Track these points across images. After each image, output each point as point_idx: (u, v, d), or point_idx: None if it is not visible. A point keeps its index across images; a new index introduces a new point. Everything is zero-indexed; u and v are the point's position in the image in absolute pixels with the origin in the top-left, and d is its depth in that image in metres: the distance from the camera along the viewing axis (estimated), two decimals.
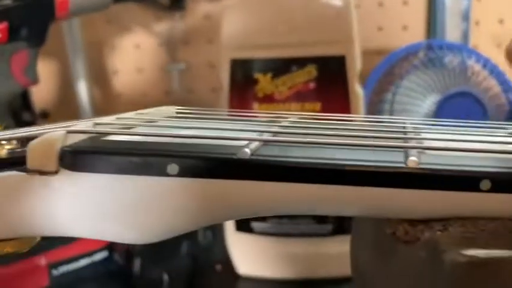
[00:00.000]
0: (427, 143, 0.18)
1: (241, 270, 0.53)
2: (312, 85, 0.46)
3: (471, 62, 0.64)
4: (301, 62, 0.45)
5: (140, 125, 0.19)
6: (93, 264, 0.49)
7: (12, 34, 0.47)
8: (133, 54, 0.80)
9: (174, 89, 0.78)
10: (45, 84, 0.79)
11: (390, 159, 0.16)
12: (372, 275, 0.23)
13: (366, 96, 0.64)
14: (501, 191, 0.16)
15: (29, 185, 0.16)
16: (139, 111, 0.22)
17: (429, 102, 0.61)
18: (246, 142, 0.17)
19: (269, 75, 0.46)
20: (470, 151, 0.17)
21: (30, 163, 0.16)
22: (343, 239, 0.50)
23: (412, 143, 0.18)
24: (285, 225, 0.50)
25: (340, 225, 0.50)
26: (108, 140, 0.17)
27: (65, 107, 0.81)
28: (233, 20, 0.47)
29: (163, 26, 0.78)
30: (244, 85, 0.47)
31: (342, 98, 0.45)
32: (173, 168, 0.16)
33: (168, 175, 0.16)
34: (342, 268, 0.52)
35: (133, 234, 0.16)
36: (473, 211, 0.16)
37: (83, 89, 0.74)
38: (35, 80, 0.51)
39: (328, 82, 0.45)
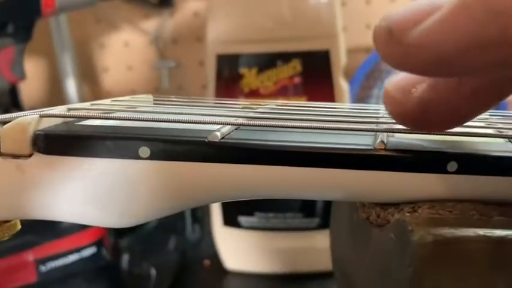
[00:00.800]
0: (396, 127, 0.18)
1: (229, 265, 0.53)
2: (297, 80, 0.46)
3: None
4: (286, 57, 0.46)
5: (115, 111, 0.19)
6: (82, 260, 0.49)
7: None
8: (123, 52, 0.80)
9: (164, 86, 0.78)
10: (34, 82, 0.79)
11: (360, 142, 0.17)
12: (349, 263, 0.23)
13: (353, 92, 0.64)
14: (468, 173, 0.16)
15: (2, 168, 0.16)
16: (115, 99, 0.22)
17: None
18: (218, 126, 0.17)
19: (254, 70, 0.46)
20: (432, 133, 0.17)
21: (4, 146, 0.16)
22: None
23: (383, 127, 0.18)
24: (272, 220, 0.50)
25: (327, 218, 0.50)
26: (81, 125, 0.17)
27: (54, 105, 0.81)
28: (219, 16, 0.48)
29: (152, 24, 0.78)
30: (230, 80, 0.47)
31: (327, 93, 0.45)
32: (145, 151, 0.16)
33: (140, 158, 0.16)
34: (329, 262, 0.52)
35: (108, 217, 0.16)
36: (442, 193, 0.17)
37: (71, 87, 0.74)
38: (21, 76, 0.51)
39: (313, 77, 0.46)
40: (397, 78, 0.16)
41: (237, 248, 0.53)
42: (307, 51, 0.45)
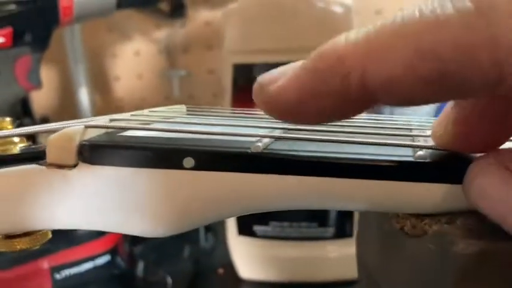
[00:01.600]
0: (431, 140, 0.19)
1: (243, 273, 0.53)
2: None
3: None
4: None
5: (155, 121, 0.19)
6: (96, 268, 0.49)
7: (17, 39, 0.47)
8: (134, 61, 0.81)
9: (175, 95, 0.78)
10: (46, 91, 0.80)
11: (399, 154, 0.17)
12: (379, 273, 0.23)
13: None
14: None
15: (48, 178, 0.16)
16: (152, 109, 0.22)
17: (428, 108, 0.62)
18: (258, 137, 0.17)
19: None
20: None
21: (50, 157, 0.16)
22: (344, 242, 0.50)
23: (419, 140, 0.18)
24: (286, 229, 0.50)
25: (341, 228, 0.50)
26: (125, 135, 0.18)
27: (65, 113, 0.82)
28: (235, 25, 0.48)
29: (163, 33, 0.79)
30: (247, 89, 0.47)
31: None
32: (189, 161, 0.16)
33: (183, 168, 0.16)
34: (343, 271, 0.52)
35: (151, 227, 0.17)
36: None
37: (83, 95, 0.75)
38: (38, 85, 0.51)
39: None
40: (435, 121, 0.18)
41: (251, 257, 0.52)
42: None
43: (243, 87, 0.48)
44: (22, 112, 0.66)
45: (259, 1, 0.47)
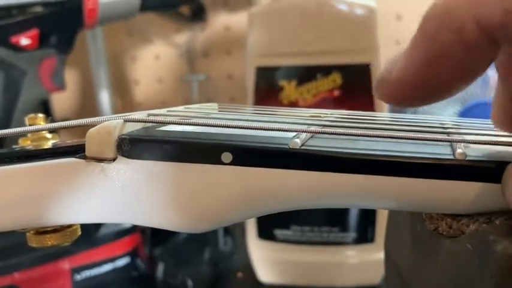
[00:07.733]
0: (470, 138, 0.18)
1: (263, 277, 0.53)
2: (336, 93, 0.46)
3: (492, 73, 0.64)
4: (326, 70, 0.46)
5: (191, 117, 0.19)
6: (116, 270, 0.49)
7: (43, 41, 0.48)
8: (154, 64, 0.81)
9: (194, 99, 0.79)
10: (66, 94, 0.80)
11: (438, 152, 0.17)
12: (411, 275, 0.22)
13: (389, 106, 0.64)
14: None
15: (86, 171, 0.16)
16: (187, 106, 0.22)
17: (450, 112, 0.61)
18: (294, 133, 0.17)
19: (294, 82, 0.47)
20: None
21: (89, 150, 0.16)
22: (365, 247, 0.50)
23: (456, 138, 0.18)
24: (307, 233, 0.50)
25: (363, 233, 0.50)
26: (163, 130, 0.18)
27: (86, 116, 0.82)
28: (259, 28, 0.48)
29: (183, 38, 0.79)
30: (269, 92, 0.47)
31: (366, 106, 0.45)
32: (227, 156, 0.16)
33: (222, 163, 0.16)
34: (364, 277, 0.52)
35: (187, 222, 0.16)
36: None
37: (105, 99, 0.75)
38: (61, 86, 0.52)
39: (352, 90, 0.46)
40: None
41: (271, 261, 0.52)
42: (347, 65, 0.46)
43: (266, 90, 0.48)
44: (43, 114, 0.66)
45: (283, 4, 0.47)
